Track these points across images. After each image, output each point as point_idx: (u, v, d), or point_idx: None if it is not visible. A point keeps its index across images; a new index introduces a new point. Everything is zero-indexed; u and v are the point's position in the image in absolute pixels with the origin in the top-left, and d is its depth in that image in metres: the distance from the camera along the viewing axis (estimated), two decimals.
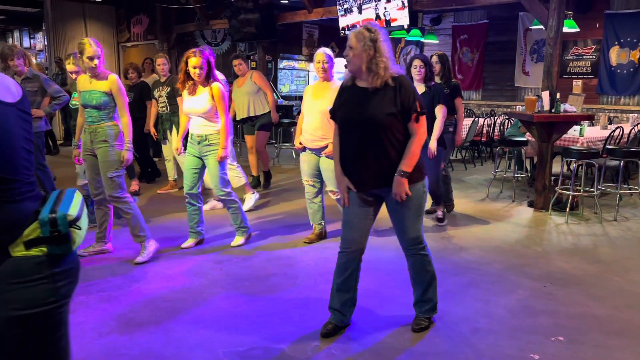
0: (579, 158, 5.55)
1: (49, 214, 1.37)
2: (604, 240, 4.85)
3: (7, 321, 1.34)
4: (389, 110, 2.69)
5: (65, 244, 1.40)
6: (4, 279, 1.34)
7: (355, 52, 2.72)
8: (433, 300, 3.07)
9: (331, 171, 4.35)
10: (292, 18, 9.25)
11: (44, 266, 1.39)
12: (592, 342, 2.94)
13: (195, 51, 4.15)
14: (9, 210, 1.35)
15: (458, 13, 11.30)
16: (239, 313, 3.24)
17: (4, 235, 1.34)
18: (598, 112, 9.25)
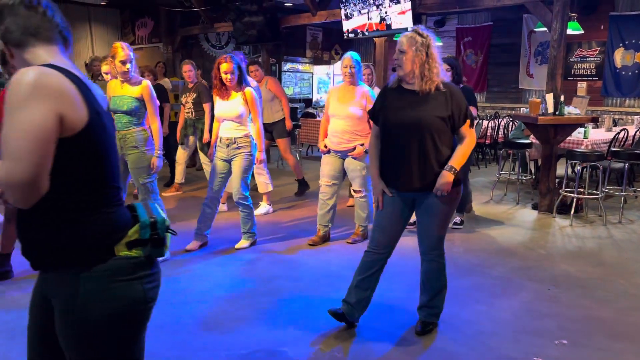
0: (583, 160, 5.53)
1: (149, 218, 1.48)
2: (609, 243, 4.83)
3: (101, 317, 1.42)
4: (439, 114, 2.74)
5: (161, 248, 1.50)
6: (108, 277, 1.42)
7: (407, 56, 2.74)
8: (439, 308, 3.07)
9: (358, 171, 4.43)
10: (296, 21, 9.27)
11: (139, 267, 1.48)
12: (597, 346, 2.93)
13: (226, 57, 4.22)
14: (117, 213, 1.47)
15: (462, 15, 11.29)
16: (243, 316, 3.25)
17: (114, 235, 1.44)
18: (603, 114, 9.22)
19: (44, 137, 1.28)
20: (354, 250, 4.50)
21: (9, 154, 1.27)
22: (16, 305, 3.32)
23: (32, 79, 1.28)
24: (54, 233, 1.39)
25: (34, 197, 1.30)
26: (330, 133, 4.51)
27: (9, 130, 1.28)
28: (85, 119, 1.37)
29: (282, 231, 5.05)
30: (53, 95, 1.30)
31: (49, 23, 1.45)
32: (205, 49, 11.96)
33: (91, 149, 1.40)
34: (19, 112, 1.27)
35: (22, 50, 1.44)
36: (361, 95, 4.43)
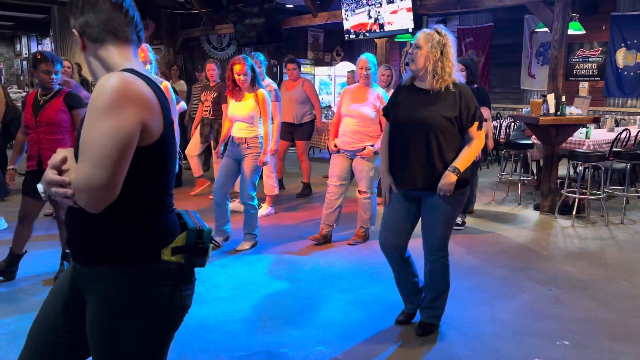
0: (585, 161, 5.51)
1: (196, 226, 1.49)
2: (611, 244, 4.82)
3: (137, 317, 1.43)
4: (446, 114, 2.74)
5: (203, 257, 1.51)
6: (151, 279, 1.43)
7: (421, 51, 2.74)
8: (441, 309, 3.06)
9: (366, 172, 4.45)
10: (297, 22, 9.28)
11: (180, 274, 1.48)
12: (598, 347, 2.91)
13: (240, 58, 4.26)
14: (169, 218, 1.48)
15: (463, 16, 11.28)
16: (243, 317, 3.24)
17: (163, 239, 1.45)
18: (605, 114, 9.19)
19: (128, 146, 1.30)
20: (355, 252, 4.50)
21: (91, 159, 1.27)
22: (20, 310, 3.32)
23: (119, 87, 1.29)
24: (108, 232, 1.40)
25: (106, 203, 1.31)
26: (341, 132, 4.56)
27: (94, 136, 1.28)
28: (161, 129, 1.39)
29: (283, 233, 5.05)
30: (139, 104, 1.32)
31: (129, 23, 1.46)
32: (207, 51, 11.97)
33: (160, 158, 1.42)
34: (104, 119, 1.28)
35: (98, 46, 1.44)
36: (375, 97, 4.47)
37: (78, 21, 1.44)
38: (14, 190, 6.39)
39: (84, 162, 1.29)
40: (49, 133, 3.58)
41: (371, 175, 4.49)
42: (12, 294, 3.56)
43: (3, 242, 4.58)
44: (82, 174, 1.28)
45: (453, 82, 2.78)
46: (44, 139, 3.59)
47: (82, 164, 1.29)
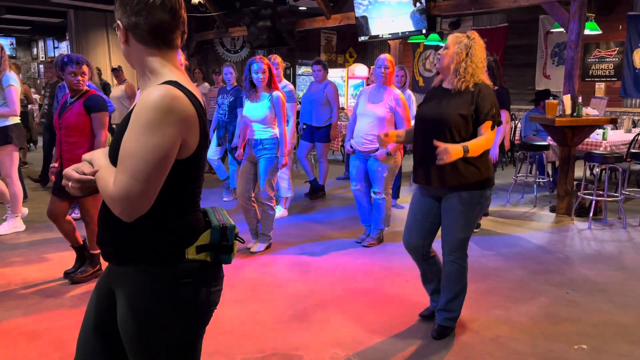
0: (602, 162, 5.45)
1: (220, 224, 1.50)
2: (629, 246, 4.75)
3: (163, 315, 1.45)
4: (462, 111, 2.79)
5: (228, 254, 1.52)
6: (176, 277, 1.45)
7: (448, 52, 2.86)
8: (456, 312, 3.04)
9: (379, 172, 4.47)
10: (311, 24, 9.29)
11: (205, 271, 1.50)
12: (617, 351, 2.87)
13: (258, 57, 4.29)
14: (194, 217, 1.50)
15: (477, 17, 11.21)
16: (258, 319, 3.25)
17: (187, 238, 1.47)
18: (622, 115, 9.07)
19: (168, 162, 1.34)
20: (369, 254, 4.49)
21: (131, 171, 1.31)
22: None
23: (164, 103, 1.32)
24: (134, 232, 1.43)
25: (140, 214, 1.34)
26: (356, 132, 4.57)
27: (136, 149, 1.31)
28: (197, 143, 1.42)
29: (296, 234, 5.05)
30: (182, 121, 1.35)
31: (177, 27, 1.47)
32: (220, 54, 12.04)
33: (194, 169, 1.46)
34: (149, 134, 1.31)
35: (143, 47, 1.45)
36: (392, 98, 4.44)
37: (128, 19, 1.43)
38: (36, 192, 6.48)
39: (123, 173, 1.31)
40: (67, 136, 3.64)
41: (385, 176, 4.48)
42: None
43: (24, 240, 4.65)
44: (120, 185, 1.31)
45: (475, 82, 2.82)
46: (64, 142, 3.65)
47: (121, 175, 1.32)
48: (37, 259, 4.30)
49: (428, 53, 12.23)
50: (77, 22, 10.89)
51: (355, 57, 13.35)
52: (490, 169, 2.93)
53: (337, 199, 6.62)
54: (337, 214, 5.91)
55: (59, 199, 3.71)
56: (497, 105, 2.87)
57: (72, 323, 3.15)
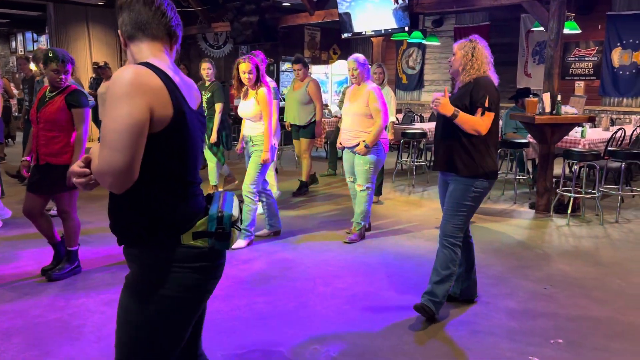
0: (580, 160, 5.53)
1: (217, 212, 1.56)
2: (606, 243, 4.83)
3: (154, 297, 1.54)
4: (459, 102, 3.10)
5: (226, 241, 1.58)
6: (169, 261, 1.54)
7: (456, 57, 3.19)
8: (438, 297, 3.14)
9: (361, 165, 4.63)
10: (294, 21, 9.27)
11: (201, 258, 1.57)
12: (592, 345, 2.92)
13: (245, 57, 4.41)
14: (189, 205, 1.57)
15: (460, 15, 11.28)
16: (238, 316, 3.24)
17: (182, 224, 1.55)
18: (600, 113, 9.22)
19: (139, 130, 1.42)
20: (351, 250, 4.50)
21: (109, 144, 1.40)
22: None
23: (129, 77, 1.42)
24: (134, 217, 1.53)
25: (128, 184, 1.43)
26: (341, 130, 4.83)
27: (110, 124, 1.41)
28: (170, 117, 1.49)
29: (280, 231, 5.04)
30: (147, 91, 1.43)
31: (158, 20, 1.56)
32: (203, 49, 11.95)
33: (174, 145, 1.52)
34: (117, 106, 1.41)
35: (131, 42, 1.58)
36: (365, 93, 4.60)
37: (120, 20, 1.58)
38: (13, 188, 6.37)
39: (104, 148, 1.41)
40: (47, 130, 3.59)
41: (366, 169, 4.62)
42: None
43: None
44: (103, 159, 1.41)
45: (478, 75, 3.10)
46: (42, 135, 3.61)
47: (102, 151, 1.42)
48: (14, 256, 4.24)
49: (411, 50, 12.28)
50: (57, 15, 10.71)
51: (339, 54, 13.35)
52: (487, 161, 3.10)
53: (320, 196, 6.63)
54: (320, 210, 5.91)
55: (35, 195, 3.67)
56: (493, 94, 3.09)
57: (49, 320, 3.11)
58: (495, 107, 3.09)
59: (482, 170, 3.08)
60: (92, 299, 3.43)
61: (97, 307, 3.33)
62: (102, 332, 2.99)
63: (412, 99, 12.40)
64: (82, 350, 2.79)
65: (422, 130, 7.27)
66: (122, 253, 1.65)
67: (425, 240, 4.78)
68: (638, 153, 5.70)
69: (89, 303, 3.38)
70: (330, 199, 6.43)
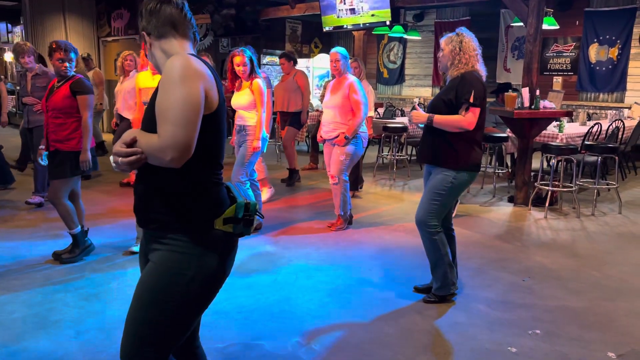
0: (558, 154, 5.61)
1: (244, 200, 1.68)
2: (582, 235, 4.92)
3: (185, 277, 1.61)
4: (444, 96, 3.16)
5: (249, 227, 1.70)
6: (204, 246, 1.63)
7: (444, 52, 3.22)
8: (438, 281, 3.30)
9: (337, 156, 4.70)
10: (275, 13, 9.22)
11: (228, 242, 1.69)
12: (569, 335, 2.98)
13: (239, 50, 4.51)
14: (221, 191, 1.69)
15: (440, 10, 11.34)
16: (219, 309, 3.22)
17: (217, 209, 1.64)
18: (577, 108, 9.37)
19: (199, 107, 1.54)
20: (332, 244, 4.51)
21: (171, 120, 1.50)
22: None
23: (185, 63, 1.55)
24: (169, 202, 1.62)
25: (187, 158, 1.52)
26: (322, 123, 4.87)
27: (171, 102, 1.51)
28: (217, 102, 1.62)
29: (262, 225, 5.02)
30: (201, 75, 1.56)
31: (187, 22, 1.72)
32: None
33: (217, 128, 1.65)
34: (177, 88, 1.52)
35: (162, 40, 1.70)
36: (345, 86, 4.65)
37: (147, 23, 1.70)
38: None
39: (165, 124, 1.51)
40: (54, 117, 3.81)
41: (341, 160, 4.66)
42: None
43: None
44: (166, 134, 1.50)
45: (466, 70, 3.13)
46: (51, 123, 3.82)
47: (164, 126, 1.51)
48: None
49: (392, 45, 12.31)
50: (32, 5, 10.48)
51: (320, 48, 13.32)
52: (471, 155, 3.16)
53: (302, 189, 6.62)
54: (302, 203, 5.91)
55: (52, 181, 3.85)
56: (479, 89, 3.10)
57: (25, 316, 3.06)
58: (481, 102, 3.11)
59: (465, 163, 3.13)
60: (71, 294, 3.39)
61: (75, 302, 3.28)
62: (81, 327, 2.95)
63: (393, 93, 12.44)
64: (60, 345, 2.75)
65: (403, 124, 7.30)
66: (100, 248, 1.65)
67: (406, 234, 4.81)
68: (614, 147, 5.81)
69: (67, 298, 3.33)
70: (312, 192, 6.44)
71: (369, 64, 10.26)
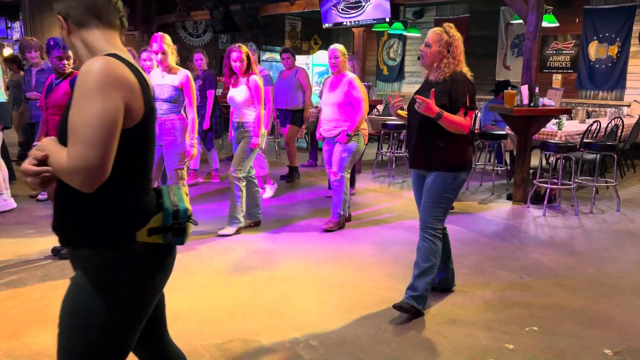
0: (557, 152, 5.62)
1: (172, 206, 1.50)
2: (580, 233, 4.94)
3: (106, 297, 1.45)
4: (438, 101, 2.99)
5: (181, 236, 1.52)
6: (126, 261, 1.46)
7: (430, 50, 3.08)
8: (419, 291, 3.11)
9: (339, 153, 4.66)
10: (275, 10, 9.20)
11: (155, 255, 1.52)
12: (566, 332, 2.99)
13: (236, 46, 4.47)
14: (145, 200, 1.50)
15: (440, 7, 11.33)
16: (218, 306, 3.24)
17: (138, 220, 1.47)
18: (577, 106, 9.38)
19: (116, 126, 1.36)
20: (330, 240, 4.52)
21: (83, 139, 1.32)
22: None
23: (102, 70, 1.35)
24: (87, 215, 1.44)
25: (100, 182, 1.35)
26: (322, 121, 4.82)
27: (84, 118, 1.33)
28: (142, 112, 1.44)
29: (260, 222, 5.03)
30: (122, 85, 1.37)
31: (113, 8, 1.50)
32: (182, 38, 11.80)
33: (141, 142, 1.48)
34: (92, 101, 1.33)
35: (83, 29, 1.48)
36: (345, 83, 4.63)
37: (62, 5, 1.48)
38: None
39: (75, 143, 1.33)
40: (54, 114, 3.81)
41: (344, 157, 4.65)
42: None
43: None
44: (76, 155, 1.32)
45: (453, 71, 3.04)
46: (51, 120, 3.82)
47: (75, 146, 1.33)
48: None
49: (392, 42, 12.30)
50: (32, 1, 10.45)
51: (320, 44, 13.31)
52: (466, 155, 3.12)
53: (301, 186, 6.63)
54: (301, 200, 5.92)
55: None
56: (472, 91, 3.07)
57: (25, 311, 3.07)
58: (474, 104, 3.09)
59: (462, 164, 3.10)
60: None
61: None
62: None
63: (393, 90, 12.44)
64: None
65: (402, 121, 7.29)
66: None
67: (405, 231, 4.82)
68: (612, 145, 5.82)
69: None
70: (311, 189, 6.44)
71: (368, 61, 10.24)
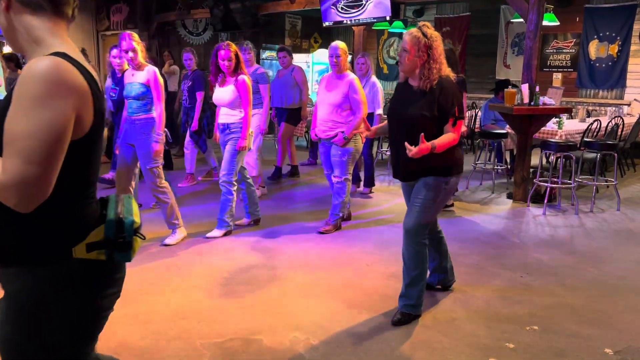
0: (557, 150, 5.61)
1: (116, 218, 1.33)
2: (580, 232, 4.93)
3: (46, 319, 1.31)
4: (424, 112, 2.86)
5: (127, 252, 1.35)
6: (62, 280, 1.31)
7: (409, 56, 2.88)
8: (413, 299, 3.06)
9: (338, 156, 4.55)
10: (275, 8, 9.19)
11: (96, 272, 1.35)
12: (566, 332, 2.99)
13: (224, 44, 4.35)
14: (85, 210, 1.34)
15: (440, 5, 11.31)
16: (218, 305, 3.24)
17: (75, 234, 1.31)
18: (577, 105, 9.36)
19: (64, 138, 1.19)
20: (330, 240, 4.52)
21: (23, 154, 1.14)
22: None
23: (51, 74, 1.18)
24: (18, 230, 1.28)
25: (39, 202, 1.18)
26: (317, 121, 4.65)
27: (26, 128, 1.15)
28: (92, 120, 1.29)
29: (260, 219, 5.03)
30: (73, 93, 1.21)
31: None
32: (182, 36, 11.78)
33: (89, 152, 1.32)
34: (37, 110, 1.16)
35: (29, 10, 1.28)
36: (345, 83, 4.50)
37: None
38: None
39: (14, 157, 1.15)
40: None
41: (344, 160, 4.56)
42: None
43: None
44: (13, 171, 1.14)
45: (439, 77, 2.88)
46: None
47: (12, 160, 1.15)
48: None
49: (392, 40, 12.28)
50: None
51: (320, 43, 13.29)
52: (456, 156, 3.01)
53: (301, 184, 6.63)
54: (301, 199, 5.92)
55: None
56: (460, 99, 2.93)
57: None
58: (462, 113, 2.97)
59: (452, 166, 2.99)
60: None
61: None
62: None
63: (393, 89, 12.42)
64: None
65: None
66: None
67: None
68: (612, 144, 5.82)
69: None
70: (311, 188, 6.44)
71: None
